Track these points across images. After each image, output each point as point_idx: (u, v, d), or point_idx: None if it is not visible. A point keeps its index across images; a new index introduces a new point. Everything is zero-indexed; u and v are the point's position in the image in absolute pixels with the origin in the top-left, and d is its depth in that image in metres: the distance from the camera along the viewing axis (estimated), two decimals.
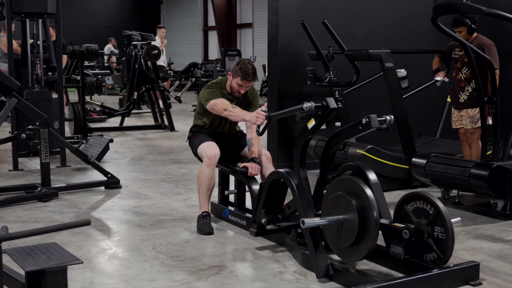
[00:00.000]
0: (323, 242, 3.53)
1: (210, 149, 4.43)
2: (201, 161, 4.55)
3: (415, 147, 5.50)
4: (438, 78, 5.79)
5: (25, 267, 2.49)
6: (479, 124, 5.36)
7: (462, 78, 5.55)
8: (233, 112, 4.25)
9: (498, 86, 5.31)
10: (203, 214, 4.45)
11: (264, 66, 16.43)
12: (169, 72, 17.76)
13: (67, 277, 2.53)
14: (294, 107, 3.85)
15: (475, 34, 5.48)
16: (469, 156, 5.55)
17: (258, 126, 4.12)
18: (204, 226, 4.38)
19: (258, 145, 4.58)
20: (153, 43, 11.09)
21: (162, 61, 13.28)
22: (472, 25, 5.39)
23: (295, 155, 3.91)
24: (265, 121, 4.07)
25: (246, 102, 4.64)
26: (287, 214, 4.01)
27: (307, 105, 3.64)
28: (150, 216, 4.86)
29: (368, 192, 3.18)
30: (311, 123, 3.75)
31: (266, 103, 4.14)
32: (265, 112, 4.06)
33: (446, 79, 5.82)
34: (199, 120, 4.70)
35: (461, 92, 5.58)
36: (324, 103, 3.66)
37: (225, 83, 4.57)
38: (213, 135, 4.64)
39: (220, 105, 4.32)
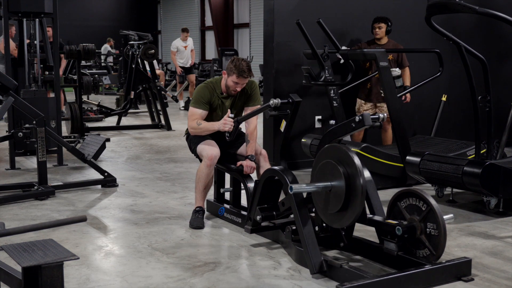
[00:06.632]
0: (316, 239, 3.58)
1: (210, 148, 4.48)
2: (198, 158, 4.59)
3: (410, 145, 5.54)
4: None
5: (22, 263, 2.52)
6: None
7: None
8: (201, 128, 4.50)
9: (494, 85, 5.35)
10: (197, 209, 4.56)
11: (261, 66, 16.45)
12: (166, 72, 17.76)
13: (63, 272, 2.57)
14: (262, 106, 4.44)
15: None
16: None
17: (228, 132, 4.41)
18: (195, 220, 4.50)
19: (255, 142, 4.61)
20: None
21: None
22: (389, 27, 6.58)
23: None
24: (233, 126, 4.39)
25: (245, 97, 4.67)
26: (281, 211, 4.05)
27: (273, 101, 4.10)
28: (146, 214, 4.89)
29: (356, 160, 3.26)
30: (283, 125, 4.16)
31: (229, 110, 4.43)
32: (231, 118, 4.37)
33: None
34: None
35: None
36: (290, 100, 4.10)
37: (220, 82, 4.60)
38: (212, 133, 4.66)
39: (192, 117, 4.55)
